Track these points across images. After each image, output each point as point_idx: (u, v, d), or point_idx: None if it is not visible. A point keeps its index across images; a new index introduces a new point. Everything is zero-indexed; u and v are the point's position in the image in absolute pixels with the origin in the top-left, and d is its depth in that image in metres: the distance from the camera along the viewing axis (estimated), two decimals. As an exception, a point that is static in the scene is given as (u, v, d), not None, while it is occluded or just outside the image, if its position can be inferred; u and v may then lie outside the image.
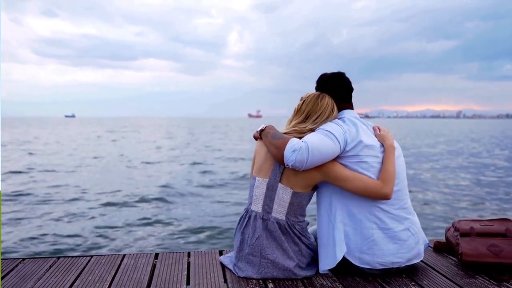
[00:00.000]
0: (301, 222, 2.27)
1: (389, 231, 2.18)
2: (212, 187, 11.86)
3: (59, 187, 11.32)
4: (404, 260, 2.22)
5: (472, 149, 27.34)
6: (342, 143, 2.15)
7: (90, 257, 2.51)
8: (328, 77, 2.40)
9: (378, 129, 2.33)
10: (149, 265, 2.39)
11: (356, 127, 2.25)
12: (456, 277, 2.24)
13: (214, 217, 8.06)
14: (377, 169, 2.19)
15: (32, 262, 2.43)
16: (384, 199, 2.16)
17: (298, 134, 2.21)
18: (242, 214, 2.32)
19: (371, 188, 2.12)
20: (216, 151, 24.28)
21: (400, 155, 2.34)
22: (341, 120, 2.30)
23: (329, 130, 2.16)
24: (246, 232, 2.25)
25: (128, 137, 38.41)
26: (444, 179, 13.77)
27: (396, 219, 2.21)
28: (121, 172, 14.76)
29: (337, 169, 2.15)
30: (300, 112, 2.29)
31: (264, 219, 2.20)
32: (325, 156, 2.11)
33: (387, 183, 2.14)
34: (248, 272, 2.20)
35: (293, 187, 2.18)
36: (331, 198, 2.24)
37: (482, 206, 9.73)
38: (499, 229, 2.36)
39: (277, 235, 2.18)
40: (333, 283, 2.15)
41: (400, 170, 2.27)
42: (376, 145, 2.24)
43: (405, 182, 2.31)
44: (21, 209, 8.65)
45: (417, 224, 2.30)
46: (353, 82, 2.43)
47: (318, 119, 2.24)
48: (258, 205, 2.23)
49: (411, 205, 2.33)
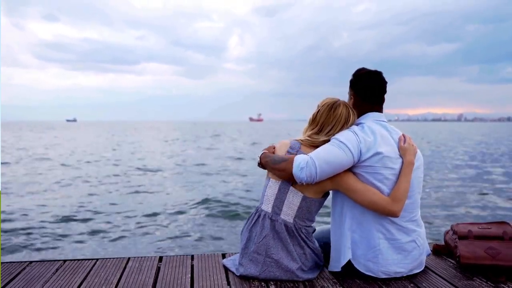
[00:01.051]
0: (308, 227, 2.31)
1: (396, 242, 2.21)
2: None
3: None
4: (407, 270, 2.26)
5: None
6: (356, 153, 2.13)
7: (96, 260, 2.56)
8: (359, 74, 2.32)
9: (404, 140, 2.25)
10: (153, 268, 2.44)
11: (374, 135, 2.20)
12: (454, 279, 2.28)
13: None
14: (392, 181, 2.17)
15: (39, 265, 2.48)
16: (391, 216, 2.17)
17: (311, 144, 2.26)
18: (252, 212, 2.38)
19: (379, 204, 2.13)
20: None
21: (420, 166, 2.29)
22: (360, 126, 2.26)
23: (342, 140, 2.14)
24: (253, 230, 2.29)
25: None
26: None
27: (404, 231, 2.23)
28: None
29: (349, 180, 2.17)
30: (315, 123, 2.30)
31: (272, 220, 2.25)
32: (336, 167, 2.12)
33: (397, 201, 2.13)
34: (251, 270, 2.24)
35: (304, 192, 2.23)
36: (343, 206, 2.28)
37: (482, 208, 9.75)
38: (497, 232, 2.40)
39: (283, 236, 2.23)
40: (334, 285, 2.20)
41: (417, 182, 2.25)
42: (394, 156, 2.19)
43: (418, 195, 2.29)
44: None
45: (423, 235, 2.32)
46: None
47: (332, 131, 2.25)
48: (269, 205, 2.28)
49: (420, 217, 2.34)
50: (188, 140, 42.31)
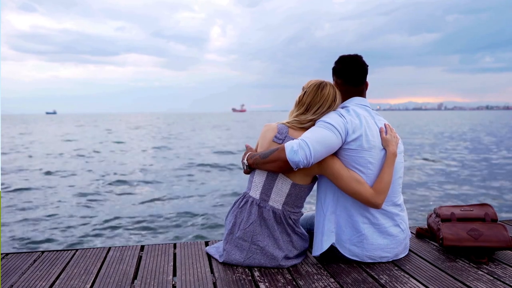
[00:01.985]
0: (297, 213, 2.28)
1: (380, 226, 2.21)
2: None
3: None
4: (392, 255, 2.26)
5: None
6: (343, 133, 2.11)
7: (75, 251, 2.50)
8: (340, 58, 2.34)
9: (385, 131, 2.24)
10: (135, 257, 2.38)
11: (359, 118, 2.18)
12: (437, 261, 2.30)
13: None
14: (374, 166, 2.15)
15: (16, 257, 2.40)
16: (374, 207, 2.17)
17: (299, 124, 2.21)
18: (238, 197, 2.32)
19: (363, 195, 2.12)
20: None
21: (402, 151, 2.30)
22: (345, 109, 2.24)
23: (328, 121, 2.11)
24: (239, 216, 2.25)
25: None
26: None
27: (388, 215, 2.23)
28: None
29: (334, 165, 2.14)
30: (301, 104, 2.25)
31: (260, 206, 2.21)
32: (327, 148, 2.07)
33: (380, 193, 2.13)
34: (235, 256, 2.21)
35: (292, 178, 2.19)
36: (326, 189, 2.26)
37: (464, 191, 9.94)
38: (478, 213, 2.42)
39: (270, 223, 2.20)
40: (318, 270, 2.18)
41: (399, 167, 2.25)
42: (377, 146, 2.18)
43: (400, 180, 2.29)
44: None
45: (406, 219, 2.33)
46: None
47: (319, 109, 2.20)
48: (257, 192, 2.24)
49: (403, 202, 2.35)
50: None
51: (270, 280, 2.05)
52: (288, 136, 2.19)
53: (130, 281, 2.05)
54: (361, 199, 2.14)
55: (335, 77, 2.36)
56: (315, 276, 2.10)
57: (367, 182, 2.15)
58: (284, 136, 2.19)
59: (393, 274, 2.12)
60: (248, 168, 2.27)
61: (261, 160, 2.16)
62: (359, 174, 2.15)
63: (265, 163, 2.14)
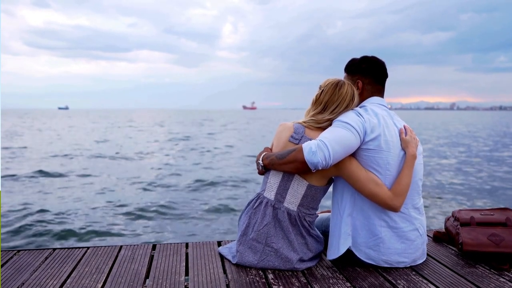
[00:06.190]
0: (312, 215, 2.23)
1: (399, 230, 2.14)
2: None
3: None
4: (410, 260, 2.19)
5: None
6: (362, 133, 2.05)
7: (87, 249, 2.48)
8: (362, 58, 2.32)
9: (405, 132, 2.17)
10: (146, 256, 2.35)
11: (378, 118, 2.13)
12: (456, 266, 2.23)
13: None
14: (392, 167, 2.09)
15: (27, 254, 2.38)
16: (392, 211, 2.10)
17: (316, 124, 2.16)
18: (252, 198, 2.27)
19: (381, 197, 2.06)
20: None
21: (421, 153, 2.24)
22: (363, 109, 2.19)
23: (346, 121, 2.05)
24: (254, 217, 2.20)
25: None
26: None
27: (407, 218, 2.16)
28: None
29: (352, 167, 2.08)
30: (318, 103, 2.19)
31: (275, 208, 2.16)
32: (346, 148, 2.01)
33: (398, 196, 2.07)
34: (249, 258, 2.16)
35: (308, 179, 2.14)
36: (343, 191, 2.20)
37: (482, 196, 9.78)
38: (500, 218, 2.34)
39: (285, 225, 2.15)
40: (334, 273, 2.13)
41: (418, 168, 2.19)
42: (397, 146, 2.12)
43: (420, 181, 2.23)
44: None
45: (424, 224, 2.26)
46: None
47: (337, 109, 2.14)
48: (271, 192, 2.18)
49: (422, 205, 2.28)
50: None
51: (285, 283, 2.00)
52: (304, 136, 2.13)
53: (142, 281, 2.02)
54: (378, 202, 2.07)
55: (360, 76, 2.30)
56: (331, 280, 2.05)
57: (385, 183, 2.09)
58: (300, 136, 2.13)
59: (411, 280, 2.05)
60: (264, 168, 2.22)
61: (277, 161, 2.10)
62: (377, 176, 2.09)
63: (282, 164, 2.08)
